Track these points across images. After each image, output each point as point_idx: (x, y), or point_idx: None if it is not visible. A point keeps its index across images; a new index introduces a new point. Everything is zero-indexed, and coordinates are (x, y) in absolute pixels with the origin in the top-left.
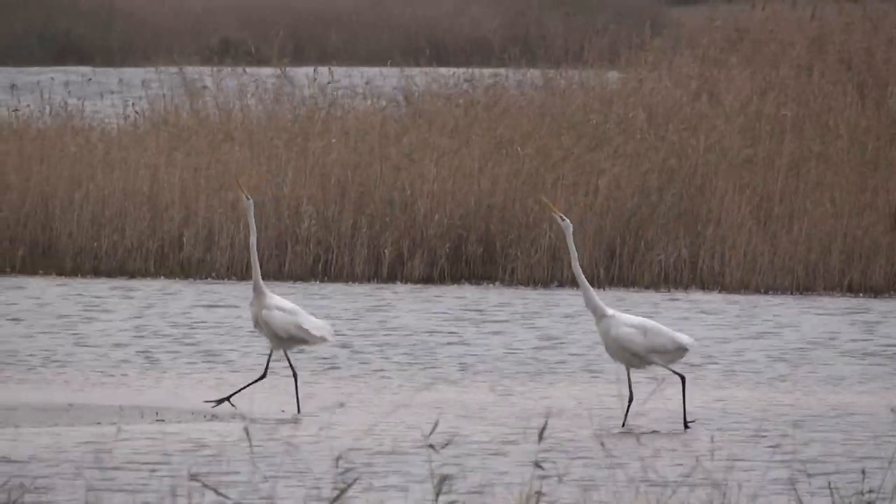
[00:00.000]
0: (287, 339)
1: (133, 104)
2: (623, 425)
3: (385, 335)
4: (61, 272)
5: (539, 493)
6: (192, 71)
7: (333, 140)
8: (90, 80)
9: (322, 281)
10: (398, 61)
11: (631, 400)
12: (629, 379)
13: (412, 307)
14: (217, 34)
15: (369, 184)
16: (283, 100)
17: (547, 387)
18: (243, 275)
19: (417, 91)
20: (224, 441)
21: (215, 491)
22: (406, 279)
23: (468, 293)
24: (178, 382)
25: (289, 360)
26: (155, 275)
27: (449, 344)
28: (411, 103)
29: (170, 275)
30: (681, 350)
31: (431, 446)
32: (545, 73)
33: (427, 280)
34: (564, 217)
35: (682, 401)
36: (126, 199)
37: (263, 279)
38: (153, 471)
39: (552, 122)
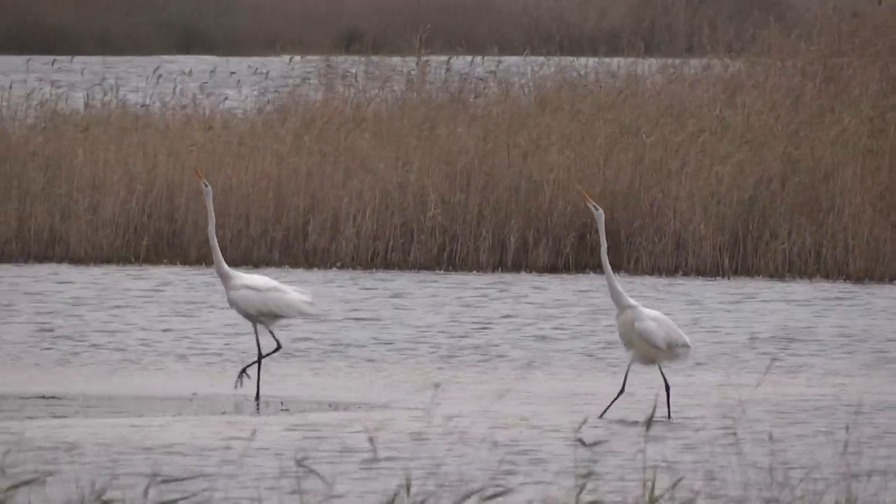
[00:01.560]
0: (258, 315)
1: (261, 94)
2: (601, 416)
3: (511, 324)
4: (185, 262)
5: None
6: (320, 60)
7: (460, 129)
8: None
9: (446, 270)
10: (527, 50)
11: (622, 392)
12: (628, 372)
13: (534, 297)
14: (345, 23)
15: (495, 172)
16: (412, 88)
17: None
18: (368, 264)
19: (544, 80)
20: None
21: (321, 477)
22: (531, 268)
23: (594, 282)
24: (299, 372)
25: (273, 335)
26: (279, 264)
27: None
28: (539, 92)
29: (294, 264)
30: (686, 348)
31: (580, 440)
32: (670, 62)
33: (552, 269)
34: (598, 206)
35: (666, 401)
36: (252, 189)
37: (391, 268)
38: (275, 457)
39: (676, 110)
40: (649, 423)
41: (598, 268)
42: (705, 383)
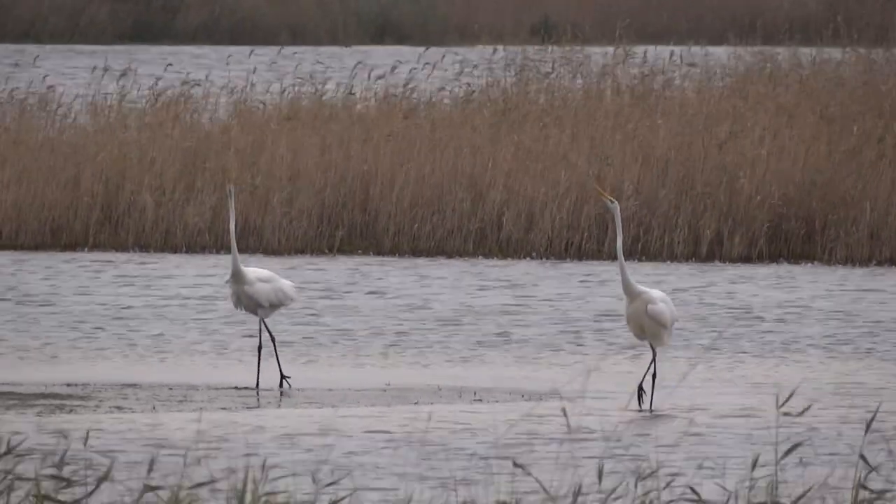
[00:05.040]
0: (269, 307)
1: (461, 83)
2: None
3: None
4: (379, 252)
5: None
6: (514, 50)
7: (659, 120)
8: (399, 61)
9: (640, 260)
10: (729, 40)
11: (654, 376)
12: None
13: (728, 287)
14: (539, 12)
15: (691, 163)
16: (609, 79)
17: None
18: (562, 255)
19: (742, 69)
20: (542, 420)
21: (529, 473)
22: (724, 258)
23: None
24: (492, 362)
25: (266, 326)
26: (473, 254)
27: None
28: (736, 82)
29: (488, 254)
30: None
31: (786, 414)
32: (866, 52)
33: (745, 259)
34: (613, 200)
35: (652, 375)
36: (447, 179)
37: (585, 258)
38: (463, 450)
39: (874, 101)
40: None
41: (791, 258)
42: None
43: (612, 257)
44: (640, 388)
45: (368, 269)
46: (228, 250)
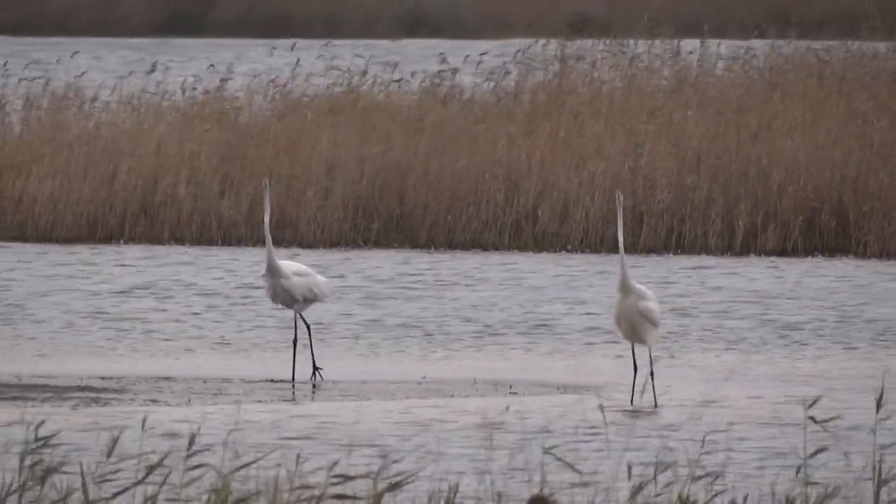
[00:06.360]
0: (303, 301)
1: (493, 77)
2: (632, 402)
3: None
4: (415, 245)
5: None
6: (557, 44)
7: (690, 112)
8: (441, 53)
9: (675, 253)
10: (764, 33)
11: (637, 370)
12: (634, 350)
13: (763, 280)
14: (572, 6)
15: (725, 155)
16: (641, 73)
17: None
18: (597, 247)
19: (775, 63)
20: (577, 414)
21: (570, 466)
22: (759, 252)
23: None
24: (524, 356)
25: (302, 317)
26: (509, 247)
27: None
28: (770, 75)
29: (523, 247)
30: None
31: (811, 418)
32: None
33: (780, 252)
34: (620, 193)
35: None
36: (483, 172)
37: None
38: (500, 441)
39: None
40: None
41: (826, 251)
42: None
43: (647, 251)
44: (653, 386)
45: (404, 262)
46: (264, 243)
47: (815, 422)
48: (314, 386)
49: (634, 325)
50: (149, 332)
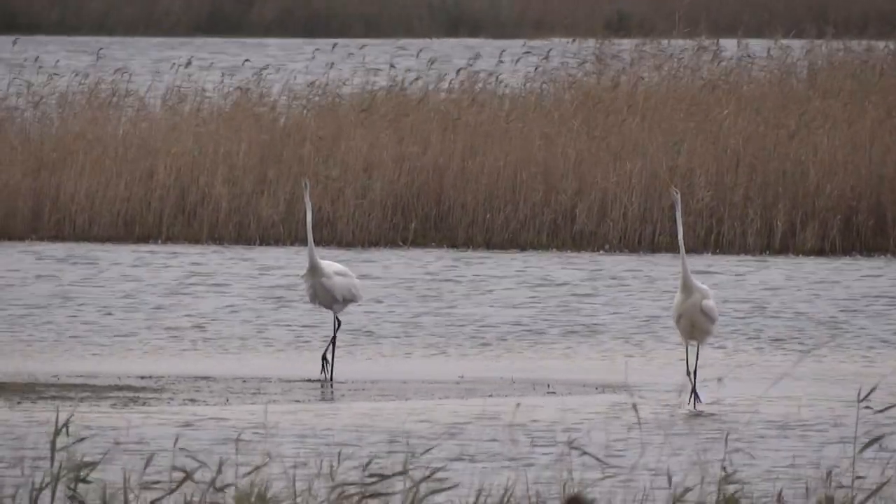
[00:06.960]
0: (343, 302)
1: (531, 77)
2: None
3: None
4: (453, 244)
5: None
6: (595, 43)
7: (725, 111)
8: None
9: (714, 253)
10: (802, 32)
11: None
12: (696, 355)
13: (798, 279)
14: (613, 6)
15: (762, 154)
16: (683, 72)
17: None
18: (635, 247)
19: (813, 61)
20: (609, 413)
21: (598, 460)
22: (797, 251)
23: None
24: (562, 356)
25: (336, 316)
26: (546, 247)
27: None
28: (809, 74)
29: (561, 247)
30: None
31: (868, 407)
32: None
33: (819, 252)
34: (677, 190)
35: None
36: (520, 171)
37: (658, 251)
38: (536, 440)
39: None
40: None
41: (865, 250)
42: None
43: (686, 249)
44: (693, 387)
45: (441, 261)
46: (302, 243)
47: (873, 411)
48: (351, 387)
49: (696, 324)
50: (186, 332)
